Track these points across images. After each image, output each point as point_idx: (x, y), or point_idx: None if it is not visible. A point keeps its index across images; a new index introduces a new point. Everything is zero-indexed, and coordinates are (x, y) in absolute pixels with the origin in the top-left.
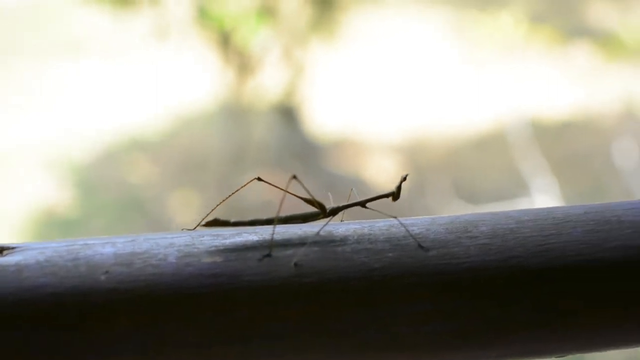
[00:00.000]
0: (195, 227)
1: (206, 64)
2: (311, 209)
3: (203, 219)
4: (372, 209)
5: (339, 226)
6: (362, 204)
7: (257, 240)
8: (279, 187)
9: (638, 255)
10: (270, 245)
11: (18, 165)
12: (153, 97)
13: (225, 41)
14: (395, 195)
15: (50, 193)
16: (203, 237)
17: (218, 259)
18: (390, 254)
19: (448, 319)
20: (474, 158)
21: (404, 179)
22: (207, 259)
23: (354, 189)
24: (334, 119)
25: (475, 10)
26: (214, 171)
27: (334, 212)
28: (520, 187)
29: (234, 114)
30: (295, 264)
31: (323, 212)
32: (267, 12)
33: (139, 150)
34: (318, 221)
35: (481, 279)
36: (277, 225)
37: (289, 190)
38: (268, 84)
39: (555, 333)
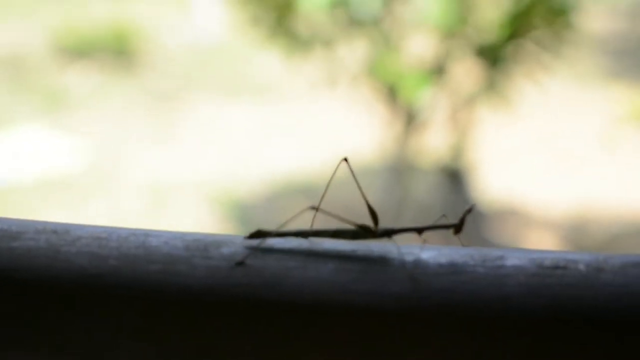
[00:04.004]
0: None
1: (373, 116)
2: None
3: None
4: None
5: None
6: (419, 230)
7: None
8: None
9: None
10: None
11: (183, 200)
12: (319, 143)
13: (392, 95)
14: (457, 227)
15: (212, 230)
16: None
17: None
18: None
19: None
20: (632, 246)
21: (469, 211)
22: None
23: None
24: (499, 187)
25: None
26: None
27: (387, 234)
28: None
29: (398, 169)
30: None
31: (374, 232)
32: (437, 71)
33: (302, 196)
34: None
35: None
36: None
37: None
38: (434, 143)
39: None
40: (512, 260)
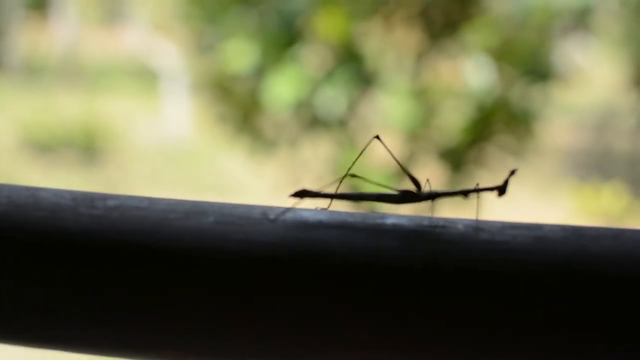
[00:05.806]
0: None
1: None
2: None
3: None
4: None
5: None
6: (464, 193)
7: None
8: (390, 152)
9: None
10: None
11: None
12: None
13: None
14: (501, 189)
15: None
16: None
17: None
18: None
19: None
20: None
21: (513, 173)
22: None
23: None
24: None
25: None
26: None
27: (431, 197)
28: None
29: None
30: None
31: (418, 195)
32: (401, 172)
33: None
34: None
35: None
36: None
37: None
38: None
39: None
40: (391, 220)
